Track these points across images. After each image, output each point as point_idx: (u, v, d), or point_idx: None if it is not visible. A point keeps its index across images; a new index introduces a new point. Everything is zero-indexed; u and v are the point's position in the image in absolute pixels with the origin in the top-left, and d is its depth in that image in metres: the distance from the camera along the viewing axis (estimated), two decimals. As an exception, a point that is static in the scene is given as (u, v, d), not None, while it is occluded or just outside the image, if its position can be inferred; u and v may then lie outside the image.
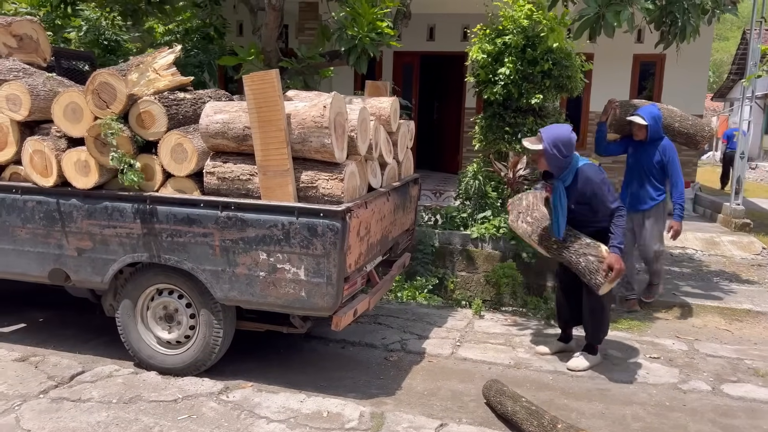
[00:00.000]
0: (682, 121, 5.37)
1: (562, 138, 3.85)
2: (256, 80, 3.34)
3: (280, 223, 3.42)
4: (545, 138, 3.86)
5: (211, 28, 8.02)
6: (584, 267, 3.87)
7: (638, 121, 5.05)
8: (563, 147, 3.84)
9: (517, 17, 6.38)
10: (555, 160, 3.87)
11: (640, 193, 5.26)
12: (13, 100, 3.70)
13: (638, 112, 5.13)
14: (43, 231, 3.81)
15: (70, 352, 4.11)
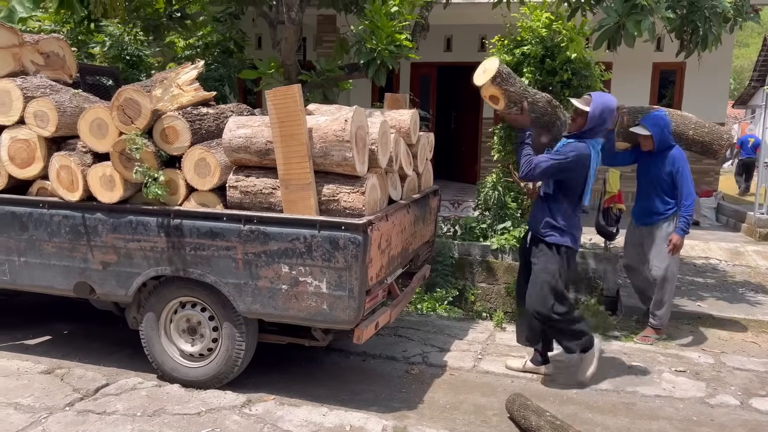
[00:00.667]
0: (698, 129, 5.04)
1: (610, 107, 3.80)
2: (278, 95, 3.38)
3: (302, 237, 3.43)
4: (594, 101, 3.78)
5: (231, 42, 8.09)
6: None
7: (641, 132, 4.75)
8: (608, 115, 3.81)
9: (535, 27, 6.38)
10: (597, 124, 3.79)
11: (648, 206, 4.86)
12: (41, 117, 3.77)
13: (641, 122, 4.80)
14: (68, 245, 3.87)
15: (95, 365, 4.15)
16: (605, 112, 3.78)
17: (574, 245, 3.94)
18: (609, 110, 3.80)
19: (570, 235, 3.89)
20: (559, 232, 3.88)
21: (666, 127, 4.74)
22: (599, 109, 3.77)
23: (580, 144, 3.80)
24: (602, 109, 3.77)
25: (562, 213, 3.88)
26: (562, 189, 3.89)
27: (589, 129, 3.81)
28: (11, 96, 3.83)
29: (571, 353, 4.01)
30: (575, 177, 3.82)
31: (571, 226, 3.89)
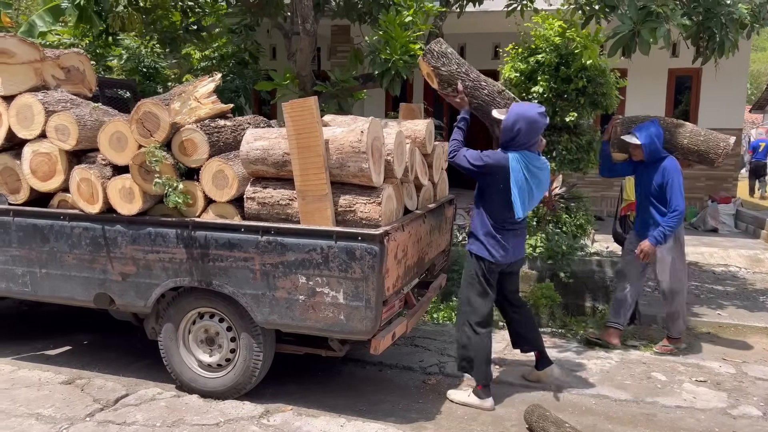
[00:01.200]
0: (693, 137, 4.83)
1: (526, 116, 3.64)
2: (295, 107, 3.40)
3: (319, 247, 3.45)
4: (509, 111, 3.69)
5: (246, 53, 8.19)
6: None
7: (631, 141, 4.66)
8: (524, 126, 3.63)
9: (549, 36, 6.37)
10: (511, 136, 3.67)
11: (645, 218, 4.76)
12: (62, 131, 3.83)
13: (633, 131, 4.72)
14: (89, 256, 3.91)
15: (114, 375, 4.19)
16: (520, 122, 3.60)
17: (491, 258, 3.77)
18: (526, 120, 3.60)
19: (485, 247, 3.77)
20: (476, 241, 3.83)
21: (657, 136, 4.63)
22: (512, 119, 3.62)
23: (499, 153, 3.70)
24: (515, 119, 3.61)
25: (481, 223, 3.81)
26: (482, 198, 3.83)
27: (506, 140, 3.68)
28: (33, 110, 3.90)
29: (460, 371, 3.92)
30: (490, 184, 3.72)
31: (490, 238, 3.77)
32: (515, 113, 3.65)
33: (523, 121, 3.61)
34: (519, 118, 3.62)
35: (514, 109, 3.69)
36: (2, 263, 4.12)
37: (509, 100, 4.07)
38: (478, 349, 3.80)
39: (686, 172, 10.75)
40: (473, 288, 3.84)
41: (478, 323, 3.81)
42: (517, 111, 3.66)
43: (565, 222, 6.59)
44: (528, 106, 3.72)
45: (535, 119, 3.62)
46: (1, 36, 3.97)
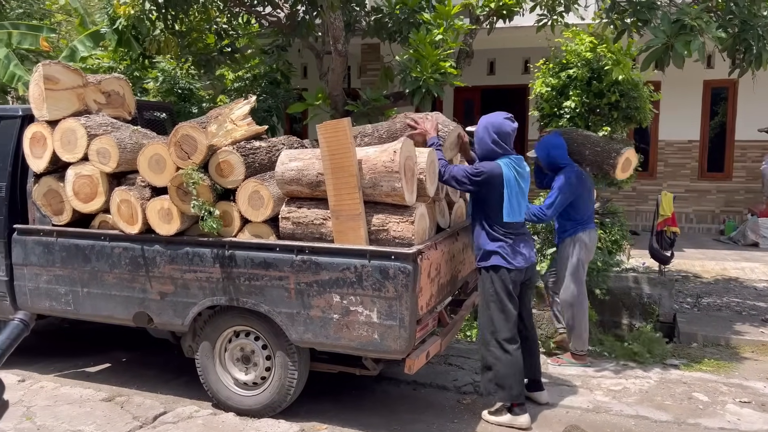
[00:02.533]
0: (593, 147, 4.91)
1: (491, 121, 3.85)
2: (329, 129, 3.45)
3: (352, 266, 3.47)
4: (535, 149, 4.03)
5: (278, 73, 8.31)
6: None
7: (530, 155, 4.86)
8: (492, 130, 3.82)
9: (580, 51, 6.34)
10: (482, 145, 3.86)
11: (556, 227, 4.88)
12: (103, 154, 3.95)
13: (536, 144, 4.88)
14: (128, 276, 4.01)
15: (152, 392, 4.26)
16: (488, 128, 3.80)
17: (510, 265, 3.75)
18: (492, 125, 3.80)
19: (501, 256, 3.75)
20: (489, 255, 3.78)
21: (553, 148, 4.73)
22: (480, 127, 3.84)
23: (491, 163, 3.78)
24: (483, 125, 3.83)
25: (488, 235, 3.79)
26: (483, 210, 3.81)
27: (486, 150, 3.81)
28: (76, 134, 4.03)
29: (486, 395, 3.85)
30: (489, 194, 3.76)
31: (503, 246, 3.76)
32: (483, 124, 3.85)
33: (490, 125, 3.80)
34: (486, 124, 3.82)
35: (481, 121, 3.88)
36: (46, 282, 4.25)
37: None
38: (509, 367, 3.73)
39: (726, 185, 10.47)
40: (495, 305, 3.77)
41: (507, 340, 3.75)
42: (485, 122, 3.85)
43: (600, 238, 6.49)
44: (494, 114, 3.90)
45: (501, 123, 3.81)
46: (47, 64, 4.13)
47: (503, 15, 6.35)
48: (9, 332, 1.29)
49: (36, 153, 4.17)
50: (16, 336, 1.30)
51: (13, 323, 1.32)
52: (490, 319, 3.78)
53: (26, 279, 4.31)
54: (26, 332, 1.36)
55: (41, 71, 4.06)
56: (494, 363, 3.75)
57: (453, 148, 4.15)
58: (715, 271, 7.76)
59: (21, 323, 1.32)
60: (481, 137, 3.83)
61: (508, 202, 3.73)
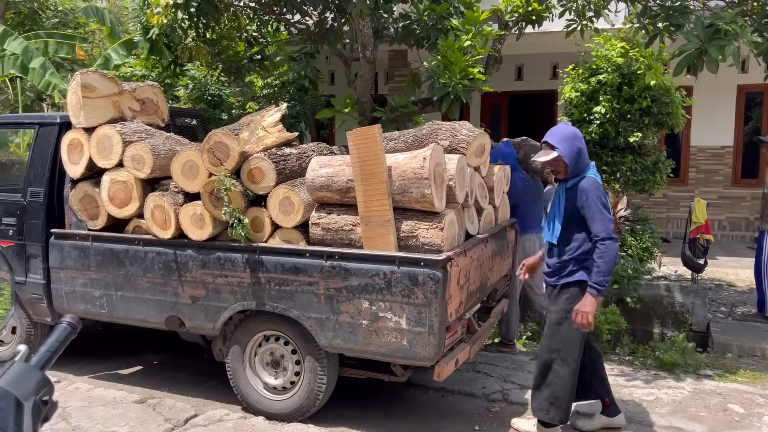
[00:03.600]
0: (527, 157, 5.14)
1: (572, 132, 3.58)
2: (359, 136, 3.48)
3: (381, 272, 3.48)
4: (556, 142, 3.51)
5: (306, 79, 8.40)
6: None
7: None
8: (577, 142, 3.52)
9: (610, 56, 6.27)
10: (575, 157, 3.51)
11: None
12: (138, 160, 4.03)
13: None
14: (161, 280, 4.08)
15: (183, 395, 4.32)
16: (574, 140, 3.51)
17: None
18: (576, 137, 3.54)
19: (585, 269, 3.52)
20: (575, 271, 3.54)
21: (503, 156, 5.01)
22: (567, 143, 3.49)
23: (589, 179, 3.49)
24: (569, 140, 3.50)
25: (589, 248, 3.49)
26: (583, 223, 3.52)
27: (576, 165, 3.51)
28: (112, 141, 4.12)
29: (540, 417, 3.61)
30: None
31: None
32: (562, 138, 3.52)
33: (572, 137, 3.53)
34: (568, 136, 3.53)
35: (555, 137, 3.53)
36: (81, 286, 4.34)
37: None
38: (569, 388, 3.53)
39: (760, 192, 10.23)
40: (570, 323, 3.46)
41: (576, 359, 3.53)
42: (560, 136, 3.53)
43: (631, 245, 6.40)
44: (564, 126, 3.67)
45: (574, 130, 3.61)
46: (84, 72, 4.23)
47: (532, 20, 6.31)
48: (57, 335, 1.32)
49: (73, 159, 4.27)
50: (64, 339, 1.33)
51: (61, 326, 1.35)
52: (561, 337, 3.52)
53: (62, 282, 4.42)
54: (74, 335, 1.40)
55: (79, 80, 4.17)
56: (555, 381, 3.52)
57: (478, 155, 4.14)
58: (749, 279, 7.57)
59: (69, 326, 1.35)
60: (570, 151, 3.49)
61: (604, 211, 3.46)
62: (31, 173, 4.59)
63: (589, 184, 3.48)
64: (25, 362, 1.22)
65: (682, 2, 5.42)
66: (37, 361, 1.25)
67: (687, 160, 10.13)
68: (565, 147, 3.49)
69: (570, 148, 3.49)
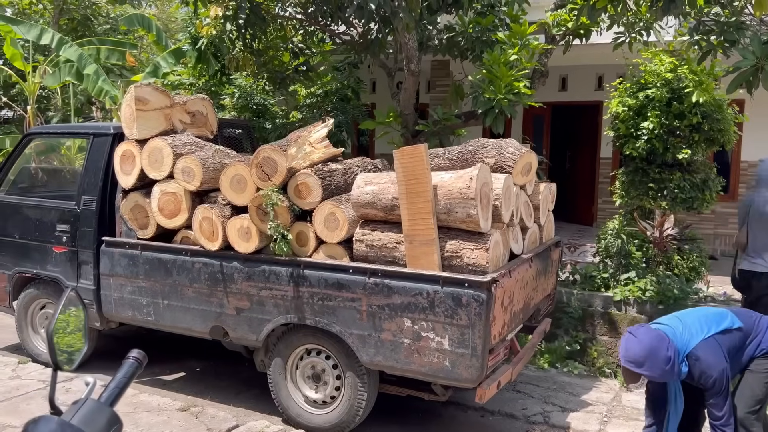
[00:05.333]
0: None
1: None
2: (405, 155, 3.48)
3: (425, 292, 3.47)
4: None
5: (349, 89, 8.46)
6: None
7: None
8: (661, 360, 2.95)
9: (660, 71, 6.14)
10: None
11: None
12: (188, 173, 4.12)
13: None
14: (207, 290, 4.15)
15: (225, 404, 4.38)
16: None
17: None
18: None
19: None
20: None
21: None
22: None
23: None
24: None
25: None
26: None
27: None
28: (163, 153, 4.22)
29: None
30: None
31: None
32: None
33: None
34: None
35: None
36: (129, 293, 4.46)
37: None
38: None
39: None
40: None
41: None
42: None
43: (677, 264, 6.24)
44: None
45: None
46: (139, 86, 4.35)
47: (580, 35, 6.22)
48: (125, 371, 1.37)
49: (125, 170, 4.39)
50: (132, 374, 1.38)
51: (128, 362, 1.40)
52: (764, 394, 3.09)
53: (112, 289, 4.54)
54: (140, 370, 1.44)
55: (133, 93, 4.29)
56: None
57: (524, 173, 4.10)
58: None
59: (135, 362, 1.39)
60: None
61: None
62: (85, 182, 4.74)
63: None
64: (96, 400, 1.26)
65: (738, 18, 5.28)
66: (107, 397, 1.29)
67: (737, 175, 9.83)
68: None
69: None
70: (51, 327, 1.41)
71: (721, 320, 3.13)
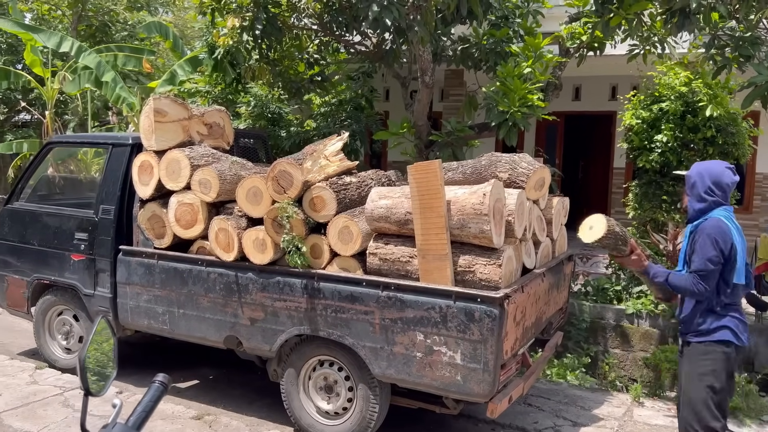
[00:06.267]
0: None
1: (710, 170, 3.22)
2: (419, 170, 3.52)
3: (437, 306, 3.50)
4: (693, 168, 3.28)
5: (363, 98, 8.52)
6: None
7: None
8: (707, 179, 3.17)
9: (674, 84, 6.14)
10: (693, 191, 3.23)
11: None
12: (205, 184, 4.18)
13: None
14: (222, 300, 4.21)
15: (238, 413, 4.43)
16: (704, 175, 3.20)
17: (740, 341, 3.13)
18: (709, 173, 3.20)
19: (732, 330, 3.12)
20: (720, 326, 3.12)
21: None
22: (694, 172, 3.26)
23: (713, 220, 3.12)
24: (698, 171, 3.25)
25: (717, 302, 3.13)
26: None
27: (693, 198, 3.24)
28: (180, 165, 4.29)
29: None
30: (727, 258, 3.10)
31: (733, 317, 3.14)
32: (699, 170, 3.28)
33: (709, 176, 3.20)
34: (704, 173, 3.23)
35: (696, 166, 3.32)
36: (145, 301, 4.52)
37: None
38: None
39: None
40: (714, 387, 3.05)
41: (724, 428, 3.12)
42: (700, 168, 3.30)
43: (690, 278, 6.22)
44: (714, 162, 3.39)
45: (721, 173, 3.21)
46: (157, 98, 4.42)
47: (594, 47, 6.23)
48: (152, 395, 1.42)
49: (143, 180, 4.46)
50: (158, 398, 1.42)
51: (154, 386, 1.44)
52: (705, 404, 3.07)
53: (128, 297, 4.61)
54: (165, 393, 1.49)
55: (152, 105, 4.36)
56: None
57: (537, 188, 4.11)
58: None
59: (161, 385, 1.44)
60: (693, 183, 3.27)
61: (741, 262, 3.10)
62: (103, 191, 4.82)
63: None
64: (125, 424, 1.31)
65: (753, 33, 5.27)
66: (134, 421, 1.34)
67: (752, 188, 9.75)
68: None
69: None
70: (83, 354, 1.45)
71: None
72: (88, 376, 1.44)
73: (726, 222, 3.12)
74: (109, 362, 1.54)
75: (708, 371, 3.07)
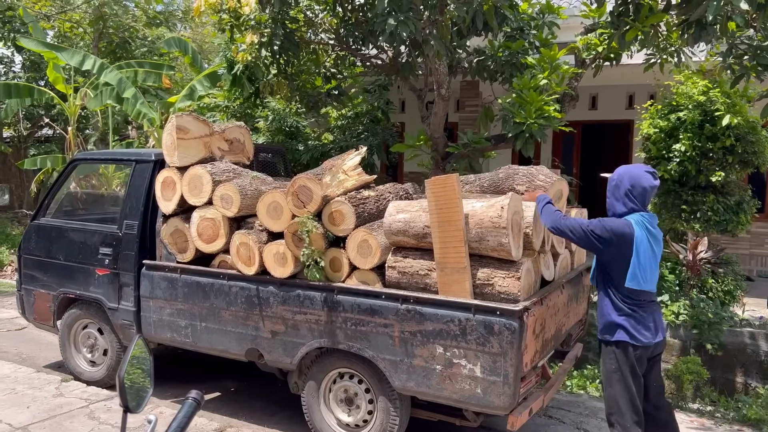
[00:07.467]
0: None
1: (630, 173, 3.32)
2: (437, 184, 3.56)
3: (456, 319, 3.53)
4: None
5: (379, 110, 8.60)
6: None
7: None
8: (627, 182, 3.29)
9: (692, 93, 6.13)
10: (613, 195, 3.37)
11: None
12: (226, 199, 4.26)
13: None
14: (243, 314, 4.27)
15: (259, 425, 4.48)
16: (624, 177, 3.29)
17: (636, 341, 3.26)
18: (629, 176, 3.28)
19: (626, 330, 3.27)
20: (613, 327, 3.31)
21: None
22: (616, 174, 3.35)
23: (620, 220, 3.26)
24: (619, 174, 3.34)
25: (613, 305, 3.31)
26: (608, 275, 3.33)
27: (618, 204, 3.32)
28: (202, 180, 4.37)
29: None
30: (615, 258, 3.24)
31: (630, 319, 3.27)
32: (620, 172, 3.36)
33: (628, 179, 3.29)
34: (624, 175, 3.32)
35: (619, 169, 3.40)
36: (168, 315, 4.60)
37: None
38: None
39: None
40: (619, 385, 3.27)
41: (636, 422, 3.26)
42: (622, 170, 3.37)
43: (711, 287, 6.17)
44: (635, 166, 3.45)
45: (640, 176, 3.29)
46: (180, 115, 4.52)
47: (610, 58, 6.24)
48: (186, 411, 1.46)
49: (166, 196, 4.55)
50: (192, 414, 1.47)
51: (187, 402, 1.49)
52: (614, 401, 3.29)
53: (151, 310, 4.69)
54: (199, 409, 1.54)
55: (174, 122, 4.46)
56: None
57: (555, 200, 4.13)
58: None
59: (194, 402, 1.49)
60: (614, 185, 3.35)
61: (638, 267, 3.21)
62: (127, 207, 4.92)
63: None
64: None
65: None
66: None
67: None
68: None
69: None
70: (122, 372, 1.51)
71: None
72: (128, 394, 1.49)
73: (632, 226, 3.24)
74: (145, 380, 1.59)
75: (613, 369, 3.32)
